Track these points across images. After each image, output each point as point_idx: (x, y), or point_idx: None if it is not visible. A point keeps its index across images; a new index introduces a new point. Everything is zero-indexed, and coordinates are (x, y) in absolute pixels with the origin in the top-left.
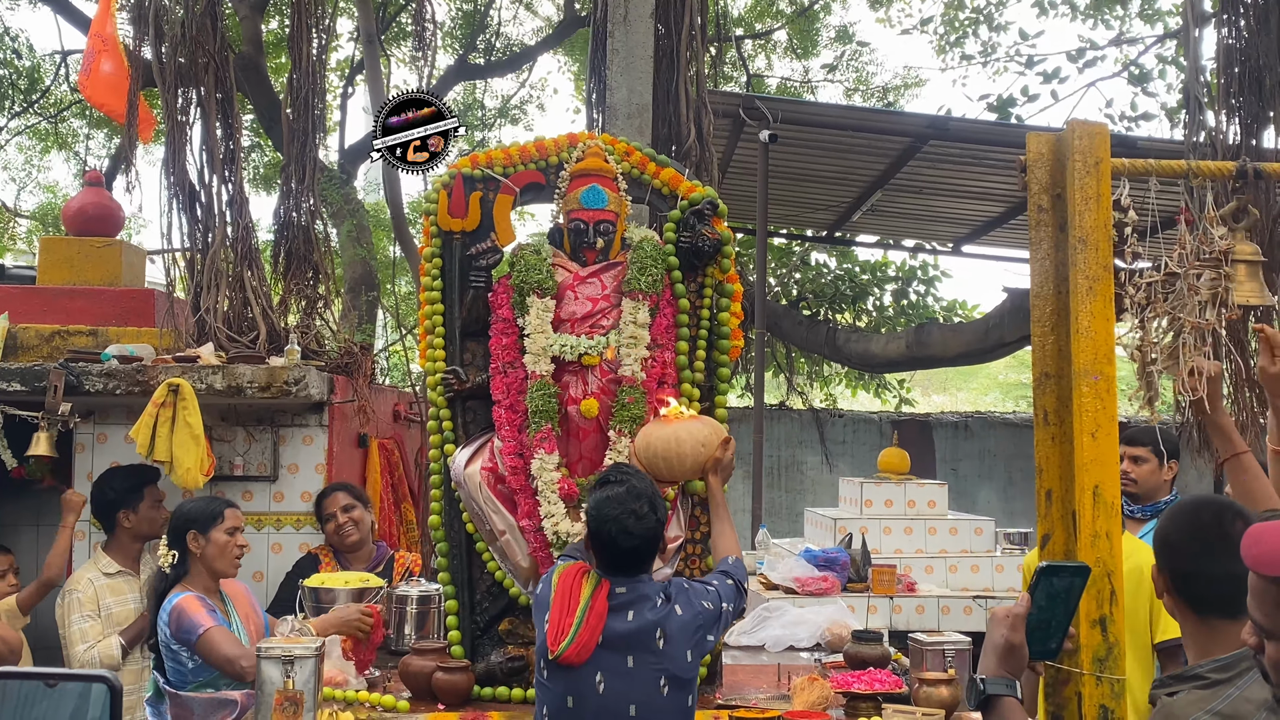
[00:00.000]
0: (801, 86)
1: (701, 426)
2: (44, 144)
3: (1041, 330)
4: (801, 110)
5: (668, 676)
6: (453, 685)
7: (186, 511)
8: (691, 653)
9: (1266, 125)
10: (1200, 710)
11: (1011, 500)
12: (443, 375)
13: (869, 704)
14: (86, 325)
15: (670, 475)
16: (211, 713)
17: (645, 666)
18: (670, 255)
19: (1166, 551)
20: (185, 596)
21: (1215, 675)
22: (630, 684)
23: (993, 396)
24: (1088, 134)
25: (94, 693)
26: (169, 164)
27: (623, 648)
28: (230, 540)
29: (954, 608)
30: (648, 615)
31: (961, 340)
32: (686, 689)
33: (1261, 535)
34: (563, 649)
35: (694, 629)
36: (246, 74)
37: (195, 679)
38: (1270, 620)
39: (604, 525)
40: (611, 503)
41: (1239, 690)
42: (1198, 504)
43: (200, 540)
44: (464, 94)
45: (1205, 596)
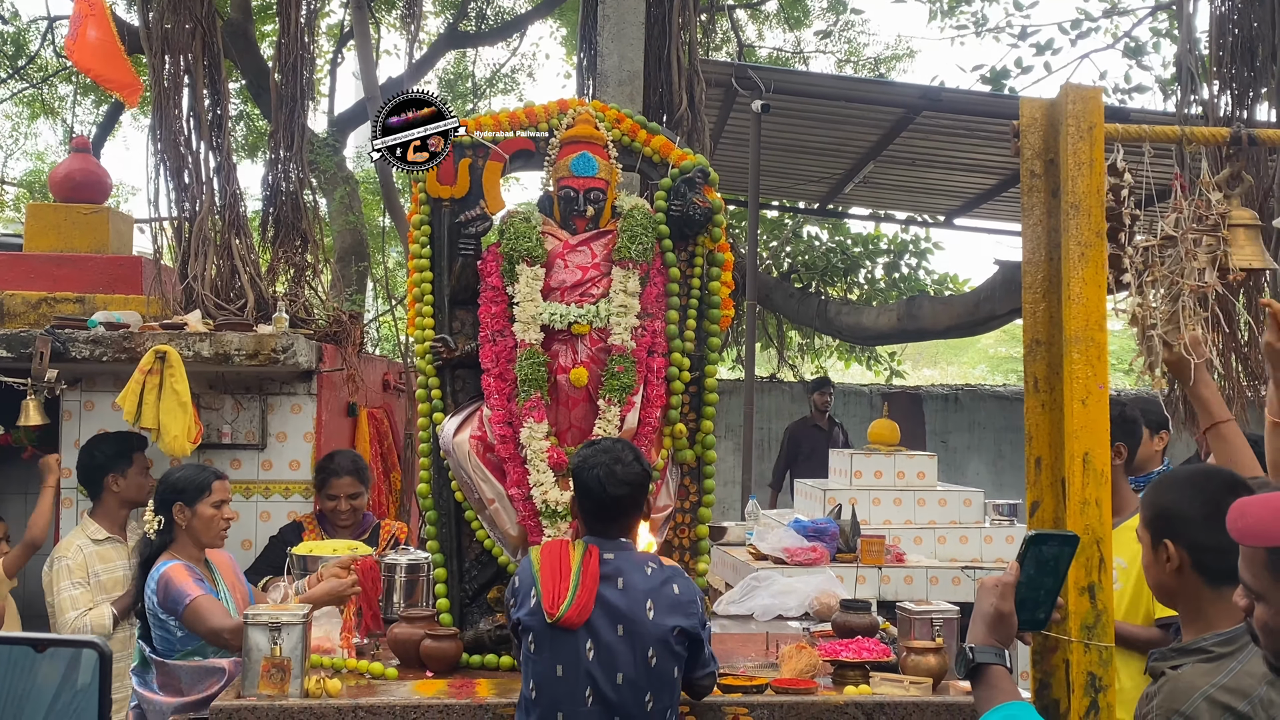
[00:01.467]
0: (794, 57)
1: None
2: (31, 111)
3: (1033, 297)
4: (794, 80)
5: (655, 647)
6: (441, 653)
7: (173, 481)
8: (679, 622)
9: (1259, 96)
10: (1206, 684)
11: (1001, 473)
12: (431, 343)
13: (856, 672)
14: (73, 292)
15: None
16: (199, 681)
17: (634, 635)
18: (661, 224)
19: (1179, 524)
20: (173, 565)
21: (1218, 649)
22: (619, 652)
23: (982, 369)
24: (1081, 98)
25: (84, 658)
26: (155, 130)
27: (613, 615)
28: (216, 514)
29: (942, 578)
30: (639, 584)
31: (952, 313)
32: (674, 660)
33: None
34: (563, 610)
35: (686, 609)
36: (234, 40)
37: (183, 647)
38: (1259, 582)
39: (591, 471)
40: (599, 453)
41: (1240, 664)
42: (1206, 475)
43: (186, 512)
44: (454, 62)
45: (1221, 568)
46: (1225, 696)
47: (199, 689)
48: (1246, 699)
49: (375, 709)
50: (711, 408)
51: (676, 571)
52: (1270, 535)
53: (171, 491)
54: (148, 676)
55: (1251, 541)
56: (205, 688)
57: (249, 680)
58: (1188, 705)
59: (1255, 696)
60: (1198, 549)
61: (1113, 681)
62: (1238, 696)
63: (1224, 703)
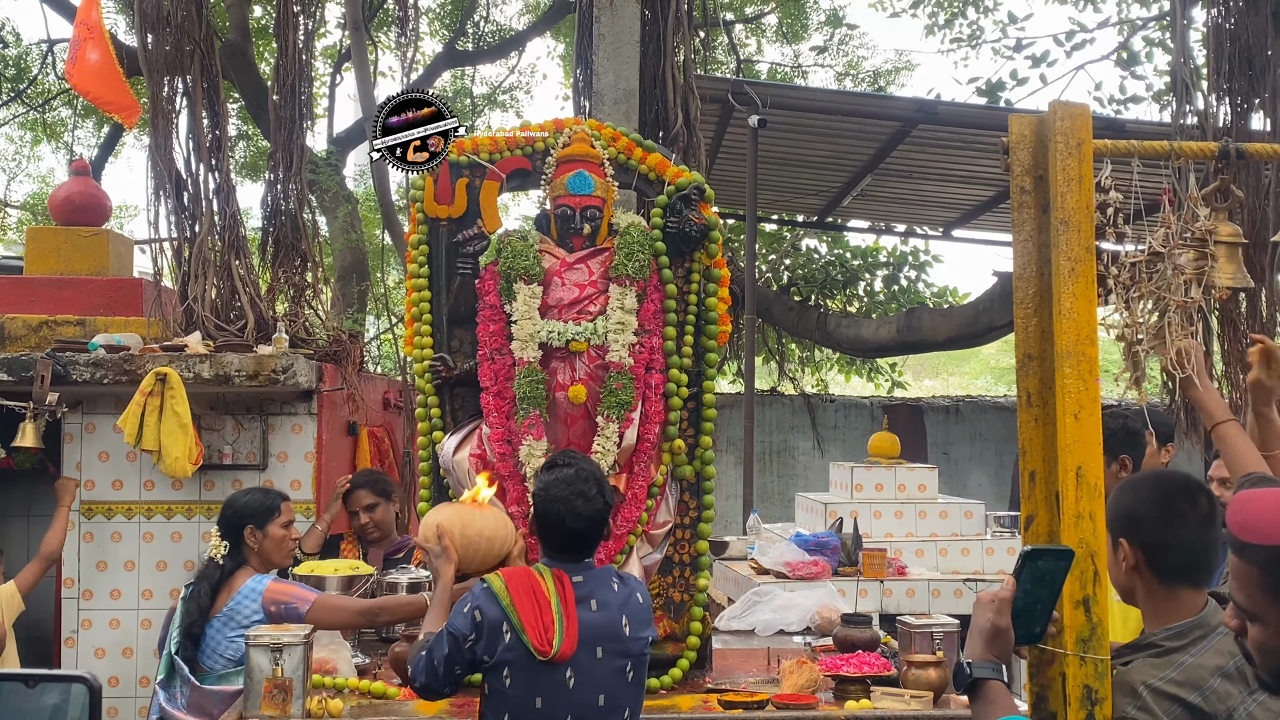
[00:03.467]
0: (792, 71)
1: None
2: (33, 134)
3: (1024, 312)
4: (790, 95)
5: (633, 661)
6: None
7: (241, 506)
8: (650, 634)
9: (1256, 106)
10: (1152, 677)
11: (1002, 484)
12: (430, 362)
13: (857, 686)
14: (74, 315)
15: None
16: (228, 704)
17: (612, 654)
18: (657, 241)
19: (1134, 524)
20: (269, 578)
21: (1168, 643)
22: (599, 674)
23: (984, 380)
24: (1070, 115)
25: (74, 693)
26: (155, 152)
27: (593, 638)
28: (286, 534)
29: (944, 591)
30: (612, 601)
31: (952, 325)
32: (645, 669)
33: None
34: (557, 646)
35: (648, 615)
36: (233, 61)
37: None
38: (1252, 602)
39: (552, 506)
40: (559, 484)
41: (1193, 657)
42: (1160, 476)
43: (257, 535)
44: (452, 81)
45: (1174, 565)
46: (1174, 689)
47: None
48: (1198, 690)
49: None
50: (710, 423)
51: (634, 581)
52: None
53: (241, 516)
54: (172, 690)
55: (1248, 538)
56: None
57: (251, 701)
58: (1135, 698)
59: (1208, 688)
60: (1150, 548)
61: (1109, 694)
62: (1188, 689)
63: (1172, 694)
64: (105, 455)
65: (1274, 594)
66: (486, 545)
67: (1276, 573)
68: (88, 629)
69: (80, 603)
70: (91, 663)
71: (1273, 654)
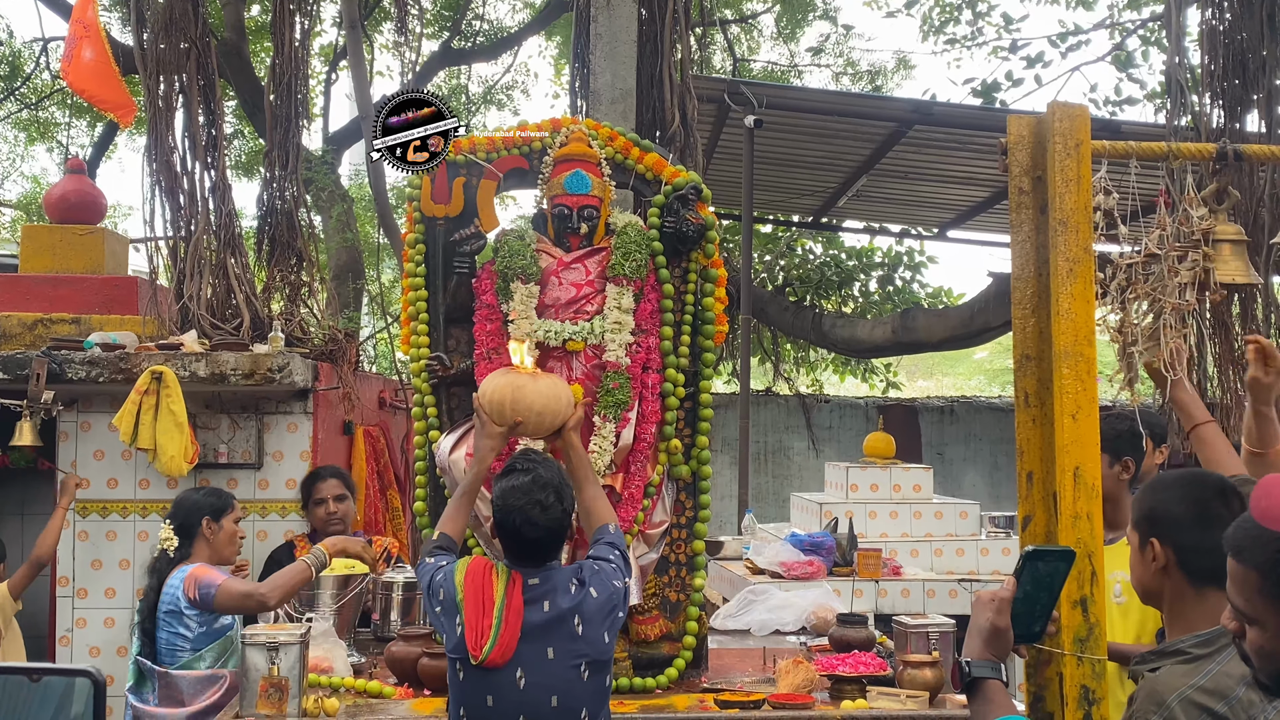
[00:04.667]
0: (788, 71)
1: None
2: (27, 133)
3: (1022, 313)
4: (786, 95)
5: (588, 661)
6: (439, 671)
7: (198, 501)
8: (608, 634)
9: (1250, 108)
10: (1184, 685)
11: (997, 485)
12: (426, 362)
13: (853, 686)
14: (69, 313)
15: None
16: (201, 690)
17: (565, 655)
18: (654, 240)
19: (1167, 524)
20: (195, 565)
21: (1196, 650)
22: (551, 674)
23: (978, 381)
24: (1068, 116)
25: (78, 687)
26: (151, 151)
27: (542, 639)
28: (237, 530)
29: (939, 591)
30: (563, 603)
31: (947, 325)
32: (604, 670)
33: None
34: (486, 653)
35: (608, 610)
36: (229, 60)
37: (196, 648)
38: (1250, 606)
39: (509, 516)
40: (516, 492)
41: (1218, 665)
42: (1194, 477)
43: (214, 526)
44: (448, 79)
45: (1206, 567)
46: (1203, 698)
47: (200, 698)
48: (1224, 700)
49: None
50: (706, 423)
51: (592, 574)
52: None
53: (198, 510)
54: (145, 692)
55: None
56: (206, 697)
57: (247, 700)
58: (1164, 708)
59: (1233, 697)
60: (1183, 549)
61: (1106, 694)
62: (1215, 698)
63: (1201, 703)
64: (100, 454)
65: (1273, 598)
66: (536, 419)
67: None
68: (82, 628)
69: (75, 601)
70: (85, 661)
71: (1271, 657)
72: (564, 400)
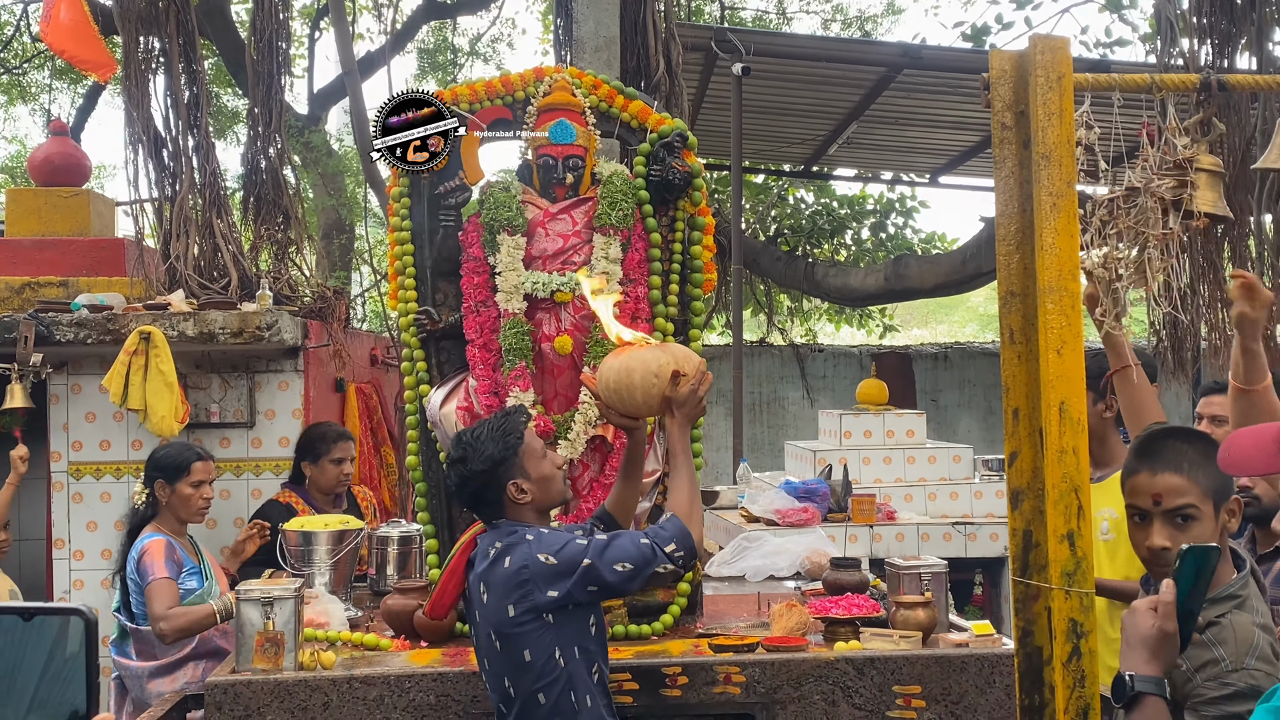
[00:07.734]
0: (778, 18)
1: (657, 355)
2: (8, 97)
3: (1006, 249)
4: (774, 42)
5: (495, 631)
6: (434, 623)
7: (157, 459)
8: (513, 607)
9: (1240, 48)
10: (1256, 630)
11: (992, 429)
12: (415, 316)
13: (847, 628)
14: (56, 276)
15: (625, 409)
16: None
17: (480, 622)
18: (640, 189)
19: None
20: (154, 540)
21: (1242, 592)
22: (477, 637)
23: (971, 328)
24: (1050, 49)
25: (71, 625)
26: (131, 111)
27: (470, 603)
28: (195, 493)
29: (934, 534)
30: (479, 569)
31: (939, 271)
32: (515, 644)
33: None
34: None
35: (516, 584)
36: (211, 19)
37: None
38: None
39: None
40: (455, 443)
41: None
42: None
43: (166, 490)
44: (432, 33)
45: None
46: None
47: (172, 652)
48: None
49: (370, 679)
50: None
51: (519, 541)
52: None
53: (155, 468)
54: (125, 646)
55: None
56: (179, 650)
57: (243, 655)
58: (1254, 646)
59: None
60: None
61: (1094, 627)
62: (1267, 631)
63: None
64: (92, 416)
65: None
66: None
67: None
68: (80, 589)
69: (71, 563)
70: None
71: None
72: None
